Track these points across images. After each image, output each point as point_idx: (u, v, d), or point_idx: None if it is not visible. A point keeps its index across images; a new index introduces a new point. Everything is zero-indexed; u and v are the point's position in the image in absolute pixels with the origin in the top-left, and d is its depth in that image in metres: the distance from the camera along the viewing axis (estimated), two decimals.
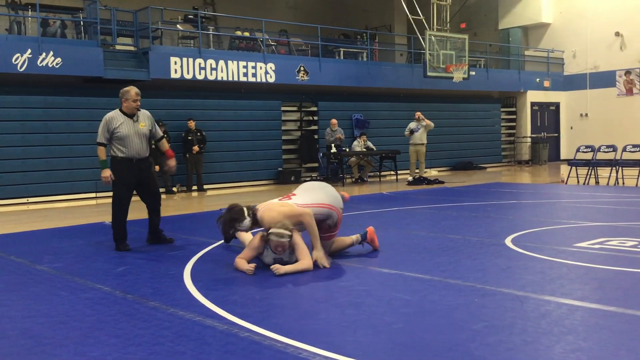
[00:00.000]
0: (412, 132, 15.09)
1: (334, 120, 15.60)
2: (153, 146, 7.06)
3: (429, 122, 15.01)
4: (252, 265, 5.10)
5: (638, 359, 2.99)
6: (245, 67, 14.48)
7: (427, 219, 8.47)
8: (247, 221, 5.21)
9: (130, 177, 6.44)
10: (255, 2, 20.11)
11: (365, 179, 15.92)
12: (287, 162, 16.29)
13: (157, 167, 13.08)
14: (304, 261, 5.07)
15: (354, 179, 15.79)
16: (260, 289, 4.56)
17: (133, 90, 6.39)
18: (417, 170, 15.27)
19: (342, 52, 17.76)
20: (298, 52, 17.38)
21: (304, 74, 15.49)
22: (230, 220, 5.23)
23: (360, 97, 17.63)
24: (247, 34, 16.69)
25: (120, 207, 6.49)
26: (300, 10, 21.87)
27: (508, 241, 6.24)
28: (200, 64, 13.73)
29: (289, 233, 5.06)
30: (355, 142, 15.98)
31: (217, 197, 12.64)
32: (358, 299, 4.21)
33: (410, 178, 15.02)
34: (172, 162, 7.00)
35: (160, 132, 6.82)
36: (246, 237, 5.80)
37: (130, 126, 6.37)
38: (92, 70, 12.24)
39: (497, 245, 6.10)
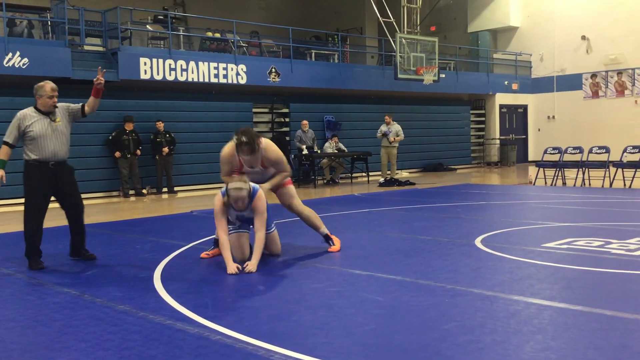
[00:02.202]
0: (384, 134, 15.15)
1: (305, 122, 15.61)
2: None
3: (398, 138, 14.95)
4: (236, 266, 5.13)
5: (606, 358, 3.04)
6: (216, 68, 14.39)
7: (398, 220, 8.52)
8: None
9: (44, 183, 5.65)
10: (226, 3, 20.03)
11: (337, 180, 15.95)
12: None
13: (117, 153, 12.88)
14: (260, 233, 5.38)
15: (325, 181, 15.82)
16: (232, 292, 4.54)
17: (48, 85, 5.68)
18: (388, 172, 15.34)
19: (313, 53, 17.78)
20: (269, 54, 17.36)
21: (275, 76, 15.46)
22: (256, 134, 5.55)
23: (332, 99, 17.67)
24: (217, 35, 16.60)
25: (31, 218, 5.65)
26: (272, 12, 21.84)
27: (478, 242, 6.31)
28: (170, 64, 13.61)
29: (247, 187, 5.31)
30: (326, 144, 16.01)
31: (187, 199, 12.53)
32: (330, 301, 4.21)
33: (381, 180, 15.08)
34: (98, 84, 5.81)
35: (77, 105, 5.92)
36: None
37: (45, 125, 5.64)
38: (60, 71, 12.03)
39: (468, 245, 6.16)
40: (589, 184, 12.94)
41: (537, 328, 3.53)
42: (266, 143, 5.68)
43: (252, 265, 5.15)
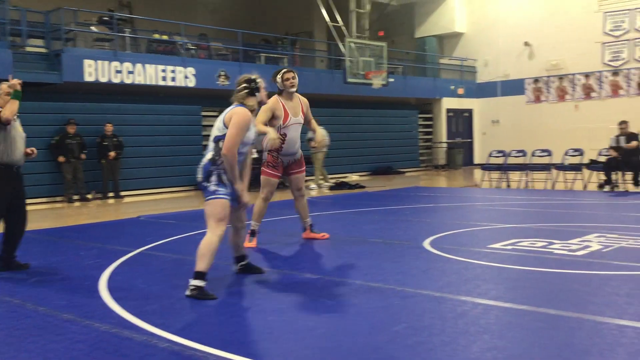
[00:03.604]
0: (309, 139, 14.93)
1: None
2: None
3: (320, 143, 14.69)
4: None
5: (550, 355, 3.12)
6: (164, 70, 14.18)
7: (348, 224, 8.56)
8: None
9: (10, 189, 5.49)
10: (174, 5, 19.77)
11: (287, 184, 15.91)
12: None
13: (61, 158, 12.51)
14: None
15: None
16: (180, 298, 4.47)
17: (4, 85, 5.62)
18: (321, 177, 15.10)
19: (263, 57, 17.73)
20: (218, 57, 17.21)
21: (224, 79, 15.34)
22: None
23: None
24: (165, 37, 16.36)
25: None
26: (220, 15, 21.67)
27: (426, 244, 6.40)
28: (116, 67, 13.33)
29: None
30: None
31: (134, 204, 12.30)
32: (281, 305, 4.19)
33: (314, 185, 14.83)
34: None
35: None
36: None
37: (15, 127, 5.50)
38: (1, 73, 11.62)
39: (416, 248, 6.24)
40: (532, 186, 13.30)
41: (484, 328, 3.60)
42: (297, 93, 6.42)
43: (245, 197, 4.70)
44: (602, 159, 12.78)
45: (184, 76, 14.53)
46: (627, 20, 20.02)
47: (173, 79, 14.33)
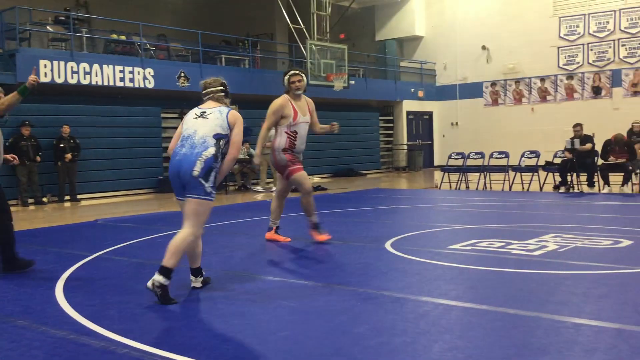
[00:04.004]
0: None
1: None
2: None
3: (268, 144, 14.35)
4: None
5: (509, 354, 3.17)
6: (122, 71, 13.96)
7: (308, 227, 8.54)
8: None
9: None
10: (132, 5, 19.47)
11: (249, 186, 15.85)
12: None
13: (14, 158, 12.19)
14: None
15: (237, 187, 15.68)
16: (140, 303, 4.39)
17: None
18: (271, 180, 14.79)
19: (223, 58, 17.62)
20: (178, 58, 17.03)
21: (184, 80, 15.19)
22: None
23: (243, 104, 17.51)
24: (123, 37, 16.11)
25: None
26: (180, 15, 21.46)
27: (388, 245, 6.44)
28: (72, 67, 13.06)
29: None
30: None
31: (91, 207, 12.06)
32: (242, 308, 4.16)
33: (259, 188, 14.64)
34: None
35: None
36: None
37: None
38: None
39: (378, 249, 6.28)
40: (490, 188, 13.53)
41: (445, 328, 3.63)
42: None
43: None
44: (558, 160, 13.08)
45: (142, 77, 14.33)
46: (582, 25, 20.56)
47: (131, 80, 14.12)
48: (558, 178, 12.59)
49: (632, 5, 19.68)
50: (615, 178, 11.85)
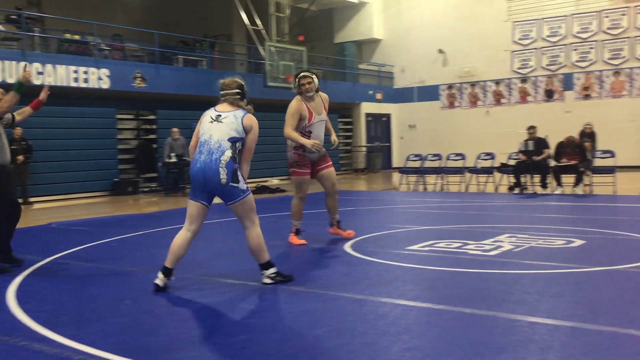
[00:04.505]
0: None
1: (175, 129, 15.21)
2: None
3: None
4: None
5: (466, 353, 3.22)
6: (76, 71, 13.67)
7: (269, 228, 8.51)
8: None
9: (8, 187, 5.76)
10: (86, 4, 19.10)
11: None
12: (124, 172, 15.62)
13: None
14: None
15: None
16: (95, 308, 4.30)
17: None
18: None
19: (180, 59, 17.42)
20: (134, 58, 16.76)
21: (140, 81, 14.96)
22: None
23: (201, 106, 17.20)
24: (77, 37, 15.78)
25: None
26: (136, 15, 21.15)
27: (347, 247, 6.47)
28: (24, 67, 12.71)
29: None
30: None
31: (44, 211, 11.76)
32: (201, 312, 4.12)
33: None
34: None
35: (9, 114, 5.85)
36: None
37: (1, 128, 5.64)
38: None
39: (338, 251, 6.29)
40: (447, 189, 13.72)
41: (404, 328, 3.66)
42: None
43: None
44: (512, 162, 13.35)
45: (97, 77, 14.06)
46: (535, 30, 21.06)
47: (86, 81, 13.84)
48: (512, 179, 12.85)
49: (583, 11, 20.25)
50: (568, 179, 12.16)
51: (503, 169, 13.51)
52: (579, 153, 12.19)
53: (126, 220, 9.70)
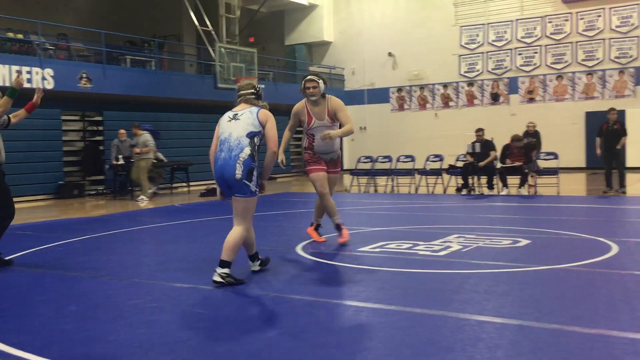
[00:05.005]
0: (131, 146, 13.86)
1: (122, 131, 14.90)
2: None
3: (145, 149, 13.36)
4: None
5: (417, 353, 3.25)
6: (19, 71, 13.22)
7: (220, 230, 8.43)
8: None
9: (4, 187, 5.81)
10: (31, 2, 18.55)
11: (156, 191, 15.45)
12: (69, 174, 15.22)
13: None
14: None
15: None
16: (39, 314, 4.17)
17: None
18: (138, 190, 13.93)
19: (128, 59, 17.09)
20: (79, 58, 16.36)
21: (86, 82, 14.61)
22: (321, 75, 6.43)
23: (150, 107, 17.11)
24: (20, 36, 15.29)
25: None
26: (82, 14, 20.66)
27: (299, 249, 6.46)
28: None
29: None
30: None
31: None
32: (150, 317, 4.04)
33: (143, 197, 13.42)
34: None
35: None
36: None
37: None
38: None
39: (289, 253, 6.28)
40: (398, 191, 13.87)
41: (355, 329, 3.68)
42: (329, 95, 6.46)
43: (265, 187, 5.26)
44: (460, 164, 13.60)
45: (41, 77, 13.66)
46: (481, 34, 21.53)
47: (29, 81, 13.42)
48: (460, 181, 13.10)
49: (528, 16, 20.82)
50: (513, 180, 12.46)
51: (451, 170, 13.75)
52: (524, 154, 12.51)
53: (72, 224, 9.46)
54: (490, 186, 12.75)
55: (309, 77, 6.52)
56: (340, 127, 6.58)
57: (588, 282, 4.72)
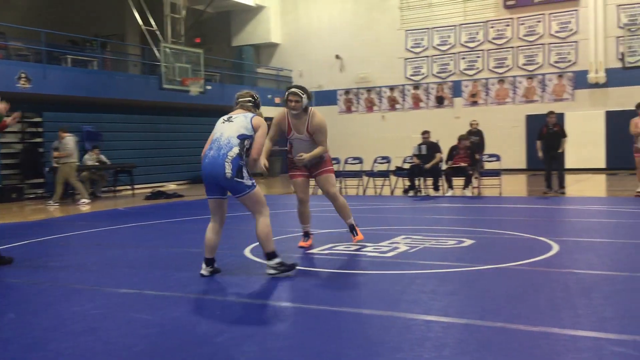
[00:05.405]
0: (55, 149, 13.50)
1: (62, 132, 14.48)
2: None
3: (64, 154, 12.97)
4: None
5: (365, 354, 3.26)
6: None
7: (167, 234, 8.30)
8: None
9: None
10: None
11: (99, 194, 15.08)
12: (7, 177, 14.69)
13: None
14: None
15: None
16: None
17: None
18: (77, 192, 13.44)
19: (69, 59, 16.63)
20: (18, 57, 15.82)
21: (25, 82, 14.13)
22: (305, 89, 6.30)
23: (92, 108, 16.68)
24: None
25: None
26: (20, 12, 19.98)
27: (247, 252, 6.41)
28: None
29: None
30: (86, 156, 15.05)
31: None
32: (93, 324, 3.92)
33: (52, 202, 13.00)
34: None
35: None
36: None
37: None
38: None
39: (237, 256, 6.22)
40: (346, 192, 13.94)
41: (303, 331, 3.66)
42: (314, 110, 6.39)
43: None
44: (407, 166, 13.78)
45: None
46: (426, 39, 21.89)
47: None
48: (407, 182, 13.27)
49: (471, 21, 21.29)
50: (458, 182, 12.70)
51: (398, 172, 13.91)
52: (469, 155, 12.76)
53: (10, 228, 9.12)
54: (436, 187, 12.96)
55: (292, 90, 6.29)
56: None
57: (530, 281, 4.84)
